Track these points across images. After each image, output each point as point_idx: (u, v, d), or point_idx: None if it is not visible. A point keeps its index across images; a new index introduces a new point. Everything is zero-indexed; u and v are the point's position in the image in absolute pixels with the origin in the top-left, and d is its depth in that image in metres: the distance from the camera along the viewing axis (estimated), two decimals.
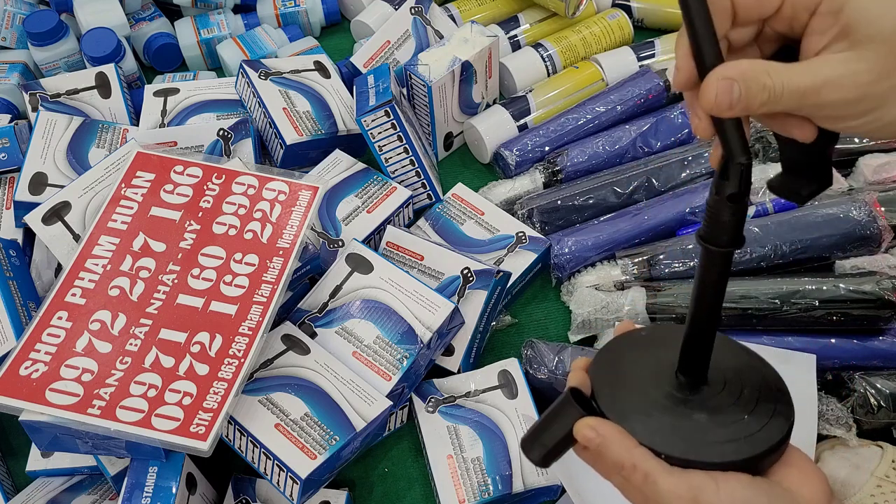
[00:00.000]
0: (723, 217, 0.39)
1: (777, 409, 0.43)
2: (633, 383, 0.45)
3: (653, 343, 0.48)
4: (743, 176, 0.37)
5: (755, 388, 0.44)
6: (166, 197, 0.73)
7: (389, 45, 0.94)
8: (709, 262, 0.41)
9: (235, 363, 0.63)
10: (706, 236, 0.40)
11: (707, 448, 0.41)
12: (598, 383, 0.45)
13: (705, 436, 0.41)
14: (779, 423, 0.42)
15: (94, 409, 0.60)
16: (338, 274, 0.74)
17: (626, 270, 0.77)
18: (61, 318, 0.65)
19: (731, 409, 0.43)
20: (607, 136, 0.88)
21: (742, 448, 0.40)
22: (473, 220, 0.83)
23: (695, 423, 0.42)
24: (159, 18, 1.04)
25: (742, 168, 0.37)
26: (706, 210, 0.40)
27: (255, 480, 0.68)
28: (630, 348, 0.48)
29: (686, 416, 0.43)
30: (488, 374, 0.72)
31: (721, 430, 0.41)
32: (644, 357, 0.47)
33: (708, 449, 0.41)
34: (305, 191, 0.74)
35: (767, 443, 0.41)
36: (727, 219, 0.39)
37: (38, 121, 0.82)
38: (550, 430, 0.44)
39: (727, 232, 0.39)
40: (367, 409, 0.65)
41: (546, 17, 1.01)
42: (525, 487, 0.66)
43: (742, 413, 0.42)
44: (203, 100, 0.88)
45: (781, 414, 0.42)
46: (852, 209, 0.75)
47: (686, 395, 0.44)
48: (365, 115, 0.80)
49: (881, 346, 0.70)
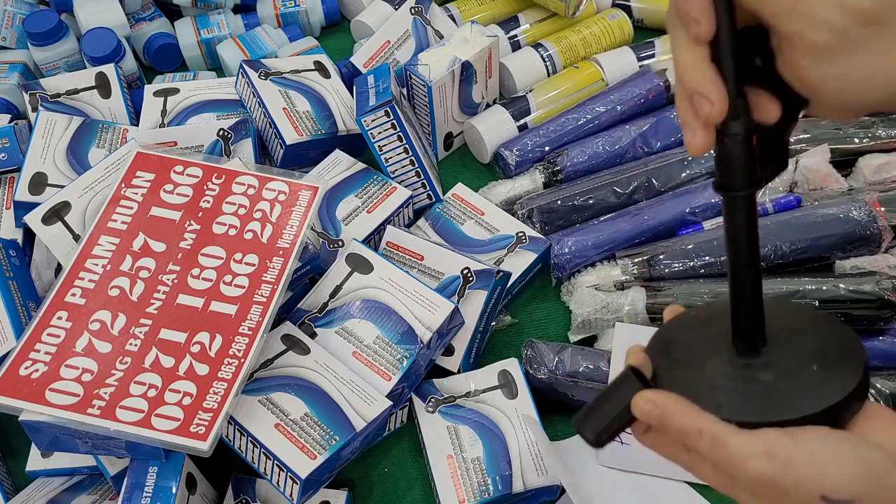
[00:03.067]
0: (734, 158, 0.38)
1: (848, 357, 0.40)
2: (692, 359, 0.43)
3: (705, 319, 0.46)
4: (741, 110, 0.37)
5: (821, 339, 0.42)
6: (166, 197, 0.73)
7: (389, 45, 0.94)
8: (733, 210, 0.39)
9: (235, 363, 0.63)
10: (723, 183, 0.39)
11: (777, 406, 0.38)
12: (657, 363, 0.43)
13: (774, 394, 0.39)
14: (852, 372, 0.39)
15: (93, 409, 0.60)
16: (338, 274, 0.74)
17: (626, 270, 0.77)
18: (61, 318, 0.65)
19: (798, 364, 0.40)
20: (607, 136, 0.88)
21: (814, 401, 0.38)
22: (473, 220, 0.83)
23: (761, 384, 0.40)
24: (159, 18, 1.04)
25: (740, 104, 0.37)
26: (716, 160, 0.39)
27: (255, 480, 0.68)
28: (683, 328, 0.46)
29: (750, 379, 0.40)
30: (488, 374, 0.72)
31: (790, 387, 0.39)
32: (699, 334, 0.45)
33: (778, 406, 0.38)
34: (305, 191, 0.74)
35: (842, 392, 0.38)
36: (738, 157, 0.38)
37: (38, 121, 0.82)
38: (606, 405, 0.42)
39: (743, 172, 0.38)
40: (367, 409, 0.65)
41: (546, 17, 1.01)
42: (525, 487, 0.66)
43: (811, 366, 0.40)
44: (203, 100, 0.88)
45: (853, 362, 0.39)
46: (852, 209, 0.75)
47: (747, 359, 0.42)
48: (365, 115, 0.80)
49: (881, 346, 0.70)
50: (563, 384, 0.71)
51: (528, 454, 0.67)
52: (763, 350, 0.42)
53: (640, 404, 0.41)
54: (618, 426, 0.42)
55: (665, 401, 0.40)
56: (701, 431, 0.38)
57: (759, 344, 0.42)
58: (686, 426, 0.39)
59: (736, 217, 0.40)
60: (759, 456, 0.37)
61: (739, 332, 0.42)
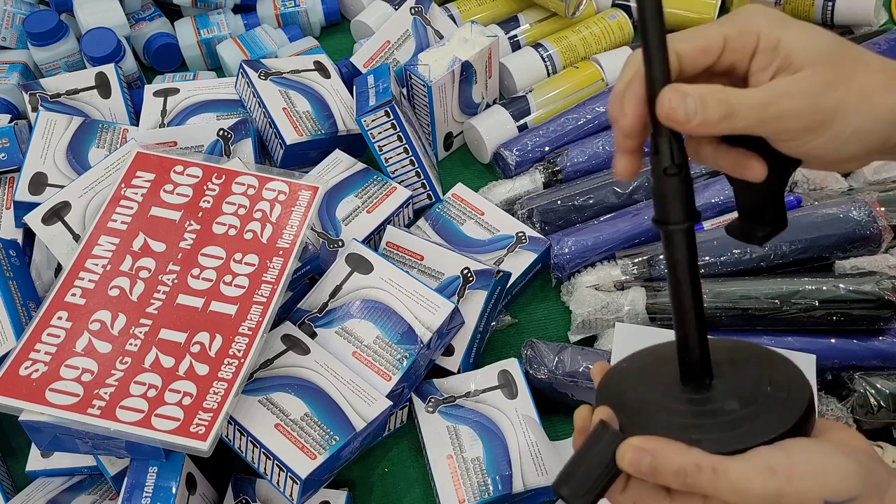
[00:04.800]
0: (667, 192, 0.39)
1: (792, 375, 0.41)
2: (651, 405, 0.43)
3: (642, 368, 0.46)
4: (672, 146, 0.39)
5: (761, 365, 0.43)
6: (166, 197, 0.73)
7: (389, 45, 0.94)
8: (671, 244, 0.40)
9: (235, 363, 0.63)
10: (659, 217, 0.40)
11: (754, 428, 0.39)
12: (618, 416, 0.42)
13: (746, 419, 0.40)
14: (802, 386, 0.40)
15: (93, 409, 0.60)
16: (338, 274, 0.74)
17: (626, 270, 0.77)
18: (61, 318, 0.65)
19: (753, 388, 0.41)
20: (607, 136, 0.88)
21: (785, 415, 0.39)
22: (473, 220, 0.83)
23: (729, 413, 0.40)
24: (159, 18, 1.04)
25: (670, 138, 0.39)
26: (652, 195, 0.40)
27: (255, 480, 0.68)
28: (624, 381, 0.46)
29: (717, 411, 0.41)
30: (488, 374, 0.72)
31: (757, 409, 0.40)
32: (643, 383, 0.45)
33: (756, 429, 0.39)
34: (305, 191, 0.74)
35: (804, 403, 0.39)
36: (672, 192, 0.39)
37: (38, 121, 0.82)
38: (587, 464, 0.40)
39: (677, 206, 0.39)
40: (367, 409, 0.65)
41: (546, 17, 1.01)
42: (525, 487, 0.66)
43: (764, 387, 0.41)
44: (203, 100, 0.88)
45: (798, 378, 0.41)
46: (852, 209, 0.74)
47: (703, 394, 0.42)
48: (365, 115, 0.80)
49: (881, 346, 0.70)
50: (563, 384, 0.71)
51: (528, 454, 0.67)
52: (713, 384, 0.43)
53: (627, 454, 0.39)
54: (604, 484, 0.40)
55: (654, 444, 0.39)
56: (699, 466, 0.38)
57: (708, 379, 0.43)
58: (682, 464, 0.38)
59: (674, 251, 0.40)
60: (762, 474, 0.37)
61: (689, 370, 0.43)
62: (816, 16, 0.96)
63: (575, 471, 0.40)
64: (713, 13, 0.99)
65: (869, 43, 0.91)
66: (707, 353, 0.42)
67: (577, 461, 0.40)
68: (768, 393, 0.41)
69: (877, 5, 0.94)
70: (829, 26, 0.97)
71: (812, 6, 0.96)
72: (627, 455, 0.39)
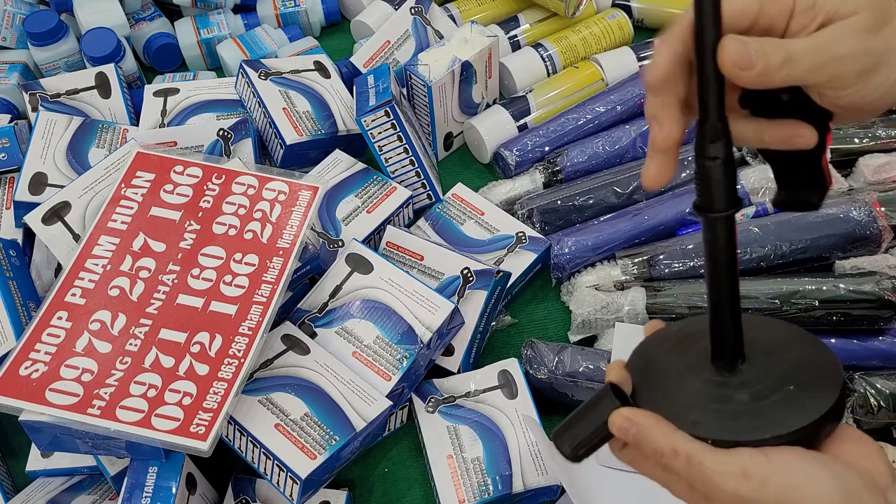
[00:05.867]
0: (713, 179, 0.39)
1: (825, 377, 0.40)
2: (671, 376, 0.43)
3: (685, 336, 0.46)
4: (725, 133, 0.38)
5: (798, 357, 0.42)
6: (166, 197, 0.73)
7: (389, 45, 0.94)
8: (713, 231, 0.40)
9: (235, 363, 0.63)
10: (703, 205, 0.39)
11: (752, 425, 0.38)
12: (636, 379, 0.43)
13: (749, 414, 0.39)
14: (828, 393, 0.39)
15: (93, 409, 0.60)
16: (338, 274, 0.74)
17: (626, 270, 0.77)
18: (61, 318, 0.65)
19: (775, 383, 0.40)
20: (607, 136, 0.88)
21: (789, 421, 0.38)
22: (473, 220, 0.83)
23: (737, 403, 0.40)
24: (159, 18, 1.04)
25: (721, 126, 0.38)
26: (696, 181, 0.40)
27: (255, 480, 0.68)
28: (663, 345, 0.46)
29: (727, 398, 0.41)
30: (488, 374, 0.72)
31: (765, 407, 0.39)
32: (678, 351, 0.45)
33: (753, 426, 0.38)
34: (305, 191, 0.74)
35: (816, 413, 0.38)
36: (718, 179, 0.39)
37: (38, 121, 0.82)
38: (584, 421, 0.42)
39: (722, 193, 0.39)
40: (367, 409, 0.65)
41: (546, 17, 1.01)
42: (525, 488, 0.66)
43: (787, 385, 0.40)
44: (203, 100, 0.88)
45: (829, 383, 0.40)
46: (852, 209, 0.75)
47: (725, 377, 0.42)
48: (365, 115, 0.80)
49: (881, 346, 0.70)
50: (563, 384, 0.71)
51: (528, 454, 0.67)
52: (741, 368, 0.42)
53: (616, 422, 0.41)
54: (595, 442, 0.42)
55: (642, 419, 0.40)
56: (676, 451, 0.38)
57: (738, 362, 0.42)
58: (661, 445, 0.39)
59: (716, 238, 0.40)
60: (735, 476, 0.37)
61: (718, 351, 0.43)
62: None
63: (573, 426, 0.42)
64: None
65: None
66: (739, 339, 0.42)
67: (577, 417, 0.43)
68: (788, 393, 0.40)
69: None
70: None
71: None
72: (616, 423, 0.41)
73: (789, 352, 0.42)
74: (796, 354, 0.42)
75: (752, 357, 0.42)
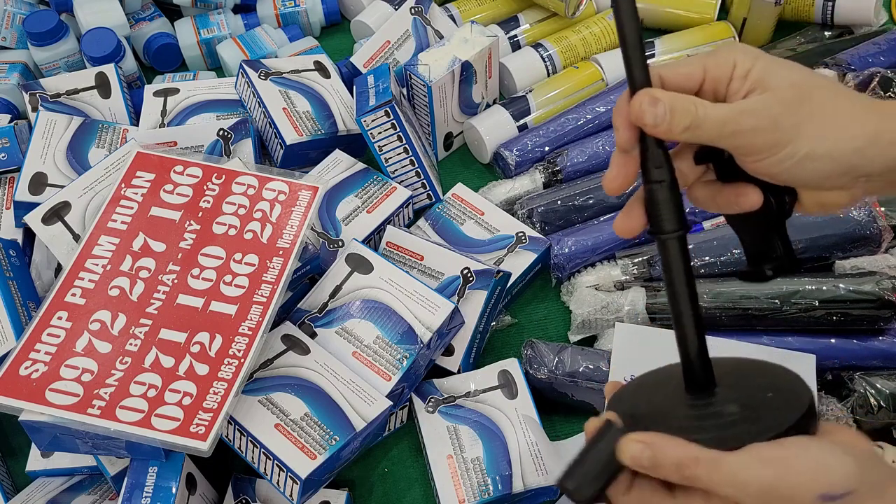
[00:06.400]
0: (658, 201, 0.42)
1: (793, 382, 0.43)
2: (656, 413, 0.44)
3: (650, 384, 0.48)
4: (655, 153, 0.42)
5: (765, 375, 0.44)
6: (166, 197, 0.73)
7: (389, 45, 0.94)
8: (665, 253, 0.42)
9: (235, 363, 0.63)
10: (652, 227, 0.42)
11: (753, 428, 0.40)
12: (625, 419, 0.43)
13: (745, 420, 0.41)
14: (802, 392, 0.41)
15: (93, 409, 0.60)
16: (338, 274, 0.74)
17: (626, 270, 0.77)
18: (61, 318, 0.65)
19: (755, 394, 0.42)
20: (607, 136, 0.88)
21: (785, 416, 0.40)
22: (473, 220, 0.83)
23: (729, 415, 0.42)
24: (159, 18, 1.04)
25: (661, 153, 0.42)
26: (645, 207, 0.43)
27: (255, 480, 0.68)
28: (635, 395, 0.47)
29: (718, 414, 0.42)
30: (488, 374, 0.72)
31: (757, 412, 0.41)
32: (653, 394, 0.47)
33: (755, 429, 0.40)
34: (305, 191, 0.74)
35: (804, 406, 0.40)
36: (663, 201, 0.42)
37: (38, 121, 0.82)
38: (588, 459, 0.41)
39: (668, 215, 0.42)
40: (367, 409, 0.65)
41: (546, 17, 1.01)
42: (525, 487, 0.66)
43: (766, 393, 0.42)
44: (203, 100, 0.88)
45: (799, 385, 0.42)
46: (852, 209, 0.75)
47: (707, 400, 0.44)
48: (365, 115, 0.80)
49: (881, 346, 0.70)
50: (563, 384, 0.71)
51: (528, 454, 0.67)
52: (717, 391, 0.44)
53: (628, 447, 0.40)
54: (605, 478, 0.41)
55: (654, 438, 0.40)
56: (697, 459, 0.39)
57: (711, 387, 0.44)
58: (681, 457, 0.39)
59: (669, 260, 0.42)
60: (758, 465, 0.38)
61: (691, 376, 0.44)
62: (816, 16, 0.96)
63: (579, 466, 0.41)
64: (713, 13, 0.99)
65: (869, 43, 0.91)
66: (707, 356, 0.44)
67: (582, 457, 0.41)
68: (769, 398, 0.42)
69: (877, 5, 0.94)
70: (829, 26, 0.97)
71: (812, 6, 0.96)
72: (628, 449, 0.40)
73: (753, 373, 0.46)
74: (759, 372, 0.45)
75: (722, 382, 0.44)
